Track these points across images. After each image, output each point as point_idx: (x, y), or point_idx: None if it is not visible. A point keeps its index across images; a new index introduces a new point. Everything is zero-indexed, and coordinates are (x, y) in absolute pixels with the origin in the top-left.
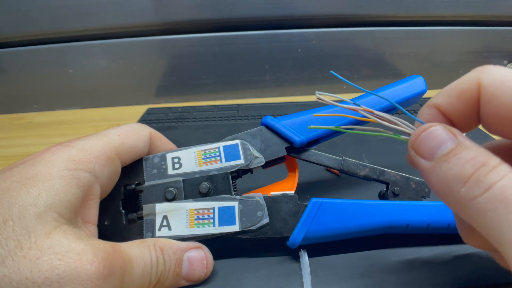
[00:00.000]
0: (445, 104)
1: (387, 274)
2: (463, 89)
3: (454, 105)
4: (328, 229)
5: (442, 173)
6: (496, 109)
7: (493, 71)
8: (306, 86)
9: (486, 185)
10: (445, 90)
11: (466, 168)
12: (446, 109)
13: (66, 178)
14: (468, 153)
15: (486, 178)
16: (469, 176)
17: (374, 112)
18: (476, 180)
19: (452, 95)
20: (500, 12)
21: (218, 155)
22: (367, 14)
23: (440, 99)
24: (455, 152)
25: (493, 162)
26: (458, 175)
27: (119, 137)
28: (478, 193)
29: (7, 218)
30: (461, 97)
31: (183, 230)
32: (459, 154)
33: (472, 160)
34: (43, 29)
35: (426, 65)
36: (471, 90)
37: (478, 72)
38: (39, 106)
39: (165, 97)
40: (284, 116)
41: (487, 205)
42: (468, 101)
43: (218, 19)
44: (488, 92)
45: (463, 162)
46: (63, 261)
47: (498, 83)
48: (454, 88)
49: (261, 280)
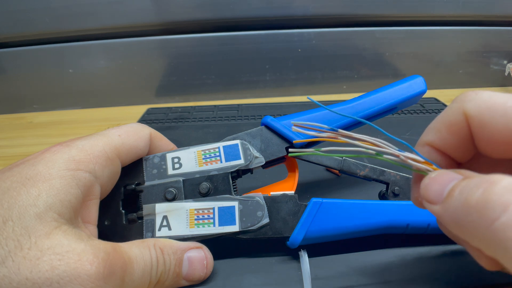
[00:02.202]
0: (437, 140)
1: (387, 274)
2: (451, 122)
3: (446, 139)
4: (328, 229)
5: (451, 206)
6: (490, 137)
7: (476, 98)
8: (306, 86)
9: (501, 207)
10: (433, 126)
11: (474, 192)
12: (439, 145)
13: (66, 178)
14: (474, 180)
15: (498, 198)
16: (477, 201)
17: (352, 135)
18: (486, 201)
19: (442, 130)
20: (500, 12)
21: (218, 155)
22: (367, 14)
23: (431, 136)
24: (461, 183)
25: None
26: (467, 202)
27: (119, 137)
28: (494, 216)
29: (7, 218)
30: (451, 131)
31: (183, 230)
32: (464, 183)
33: (479, 182)
34: (43, 29)
35: (426, 65)
36: (459, 122)
37: (461, 103)
38: (39, 106)
39: (165, 97)
40: (284, 116)
41: (508, 233)
42: (459, 133)
43: (218, 19)
44: (478, 121)
45: (471, 186)
46: (63, 261)
47: (484, 110)
48: (442, 122)
49: (261, 280)
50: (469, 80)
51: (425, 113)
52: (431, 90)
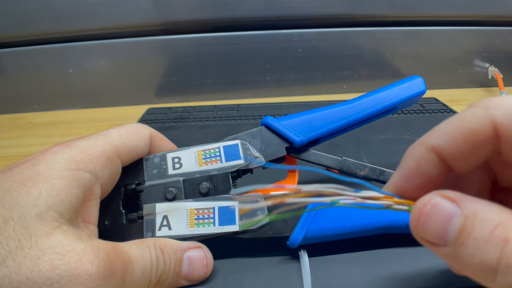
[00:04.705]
0: (448, 147)
1: (388, 274)
2: (472, 130)
3: (460, 147)
4: (328, 228)
5: (465, 260)
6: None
7: (505, 103)
8: (306, 86)
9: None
10: (446, 130)
11: (490, 252)
12: (448, 152)
13: (66, 178)
14: (483, 227)
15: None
16: (497, 262)
17: (303, 198)
18: (507, 265)
19: (457, 136)
20: (500, 12)
21: (218, 155)
22: (367, 14)
23: (441, 140)
24: (468, 229)
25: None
26: (485, 262)
27: (119, 137)
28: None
29: (8, 218)
30: (470, 139)
31: (183, 229)
32: (473, 232)
33: (492, 238)
34: (43, 29)
35: (426, 65)
36: (483, 131)
37: (487, 109)
38: (39, 106)
39: (165, 97)
40: (284, 116)
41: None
42: (481, 142)
43: (218, 19)
44: (511, 130)
45: (483, 244)
46: (63, 261)
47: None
48: (459, 128)
49: (261, 280)
50: (469, 80)
51: (425, 113)
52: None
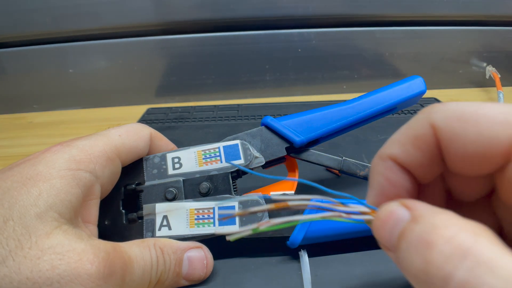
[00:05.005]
0: (401, 155)
1: (388, 274)
2: (416, 135)
3: (411, 154)
4: (328, 228)
5: (402, 266)
6: (462, 149)
7: (443, 108)
8: (306, 86)
9: (440, 282)
10: (396, 139)
11: (413, 256)
12: (403, 160)
13: (66, 178)
14: (417, 230)
15: (437, 270)
16: (418, 269)
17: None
18: (426, 273)
19: (406, 143)
20: (500, 12)
21: (218, 155)
22: (367, 14)
23: (394, 149)
24: (405, 233)
25: (443, 237)
26: (412, 267)
27: (119, 137)
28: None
29: (8, 218)
30: (417, 145)
31: (183, 230)
32: (407, 235)
33: (418, 242)
34: (43, 29)
35: (426, 65)
36: (425, 135)
37: (427, 114)
38: (39, 106)
39: (165, 97)
40: (284, 116)
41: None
42: (425, 147)
43: (218, 19)
44: (447, 133)
45: (412, 247)
46: (63, 261)
47: (454, 120)
48: (406, 135)
49: (261, 280)
50: (470, 80)
51: None
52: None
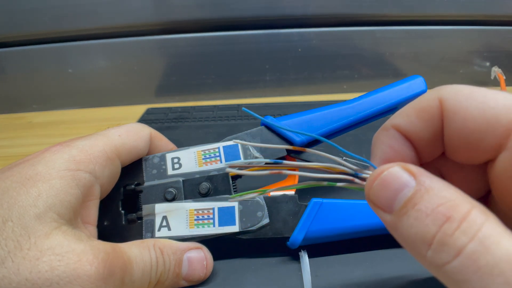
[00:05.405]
0: (405, 124)
1: (388, 275)
2: (422, 107)
3: (415, 125)
4: (328, 229)
5: (404, 230)
6: (463, 124)
7: (455, 88)
8: (306, 86)
9: (454, 250)
10: (404, 110)
11: (428, 226)
12: (406, 129)
13: (66, 179)
14: (430, 201)
15: (452, 240)
16: (432, 237)
17: (300, 165)
18: (440, 243)
19: (411, 114)
20: (500, 12)
21: (218, 155)
22: (367, 14)
23: (399, 119)
24: (414, 201)
25: (460, 213)
26: (420, 234)
27: (119, 137)
28: (446, 259)
29: (7, 218)
30: (421, 116)
31: (182, 230)
32: (418, 204)
33: (434, 213)
34: (43, 29)
35: (426, 65)
36: (431, 107)
37: (438, 90)
38: (39, 106)
39: (165, 97)
40: (284, 116)
41: (458, 276)
42: (430, 120)
43: (218, 19)
44: (452, 106)
45: (423, 216)
46: (62, 262)
47: (461, 97)
48: (413, 106)
49: (261, 280)
50: (470, 80)
51: None
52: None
